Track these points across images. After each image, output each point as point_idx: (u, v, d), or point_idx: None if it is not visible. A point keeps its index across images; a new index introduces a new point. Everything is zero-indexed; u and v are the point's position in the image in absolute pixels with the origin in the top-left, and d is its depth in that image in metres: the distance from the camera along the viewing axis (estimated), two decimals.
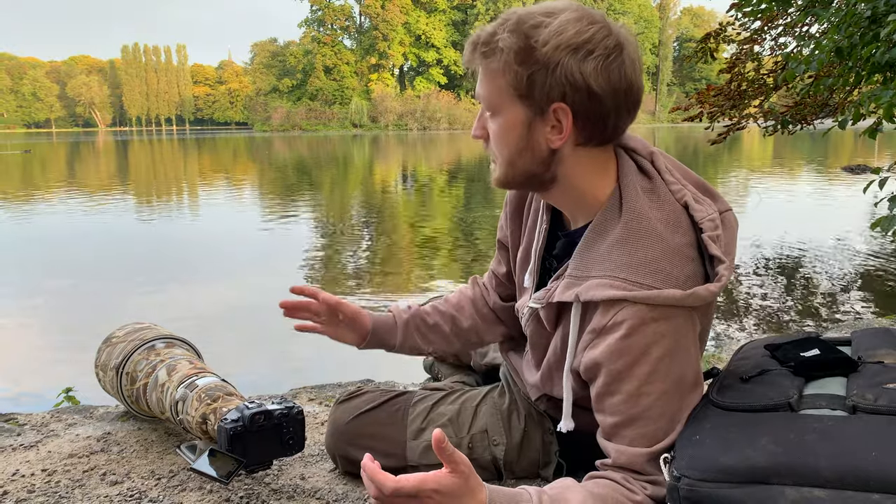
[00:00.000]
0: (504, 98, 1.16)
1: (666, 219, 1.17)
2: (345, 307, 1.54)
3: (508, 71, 1.12)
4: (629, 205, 1.17)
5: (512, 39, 1.11)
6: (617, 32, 1.12)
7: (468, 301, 1.65)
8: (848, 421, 1.03)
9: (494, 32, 1.14)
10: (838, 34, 3.40)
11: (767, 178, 16.91)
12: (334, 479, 1.61)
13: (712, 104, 6.35)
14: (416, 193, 15.54)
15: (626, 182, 1.20)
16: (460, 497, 1.02)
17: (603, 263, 1.15)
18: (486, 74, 1.17)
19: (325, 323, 1.55)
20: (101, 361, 1.88)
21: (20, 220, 10.97)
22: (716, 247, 1.16)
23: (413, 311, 1.62)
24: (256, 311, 5.60)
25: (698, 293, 1.12)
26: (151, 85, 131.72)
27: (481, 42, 1.15)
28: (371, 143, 48.63)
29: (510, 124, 1.17)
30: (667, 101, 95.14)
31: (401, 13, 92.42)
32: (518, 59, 1.11)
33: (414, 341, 1.61)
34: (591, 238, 1.19)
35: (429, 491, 1.00)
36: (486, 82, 1.17)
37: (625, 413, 1.14)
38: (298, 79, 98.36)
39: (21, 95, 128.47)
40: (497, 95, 1.16)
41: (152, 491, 1.55)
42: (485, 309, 1.64)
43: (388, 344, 1.60)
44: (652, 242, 1.14)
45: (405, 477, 1.01)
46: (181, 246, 8.69)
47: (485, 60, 1.15)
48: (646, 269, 1.12)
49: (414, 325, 1.60)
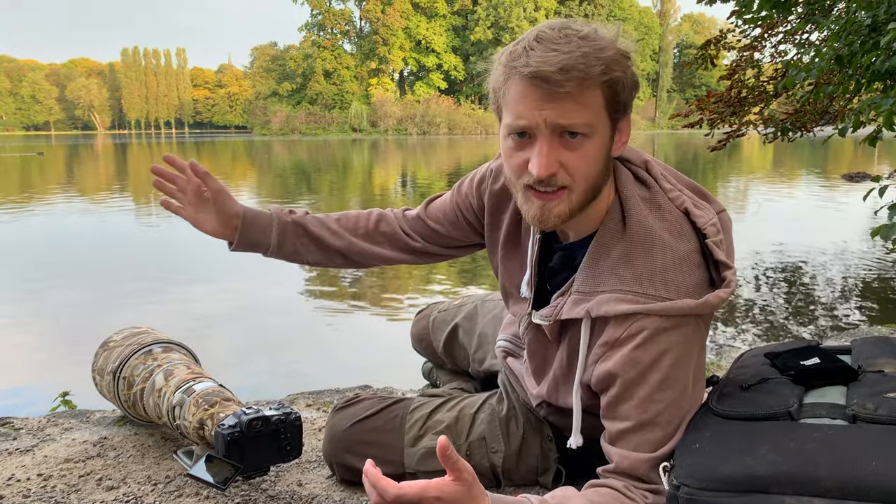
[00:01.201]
0: (601, 118, 1.11)
1: (669, 227, 1.17)
2: (211, 180, 1.44)
3: (611, 92, 1.09)
4: (632, 216, 1.17)
5: (621, 59, 1.08)
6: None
7: (364, 224, 1.59)
8: (848, 430, 1.03)
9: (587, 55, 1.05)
10: (838, 42, 3.41)
11: (767, 186, 16.93)
12: (331, 486, 1.60)
13: (712, 111, 6.36)
14: (415, 197, 15.54)
15: (625, 194, 1.19)
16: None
17: (611, 278, 1.15)
18: (583, 98, 1.08)
19: (190, 203, 1.46)
20: (99, 366, 1.88)
21: (20, 221, 10.96)
22: (721, 252, 1.16)
23: (296, 216, 1.55)
24: (255, 316, 5.59)
25: (710, 301, 1.12)
26: (151, 88, 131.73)
27: (574, 68, 1.05)
28: (370, 147, 48.66)
29: (602, 143, 1.13)
30: (667, 107, 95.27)
31: (401, 18, 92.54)
32: (625, 77, 1.10)
33: (293, 247, 1.53)
34: (596, 252, 1.18)
35: (431, 498, 0.99)
36: (585, 105, 1.08)
37: (635, 419, 1.14)
38: (298, 83, 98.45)
39: (20, 98, 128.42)
40: (596, 117, 1.10)
41: (148, 496, 1.54)
42: (383, 240, 1.58)
43: (261, 244, 1.51)
44: (659, 252, 1.14)
45: (408, 483, 1.00)
46: (179, 250, 8.68)
47: (583, 84, 1.07)
48: (656, 280, 1.12)
49: (294, 231, 1.52)
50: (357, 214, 1.61)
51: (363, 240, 1.57)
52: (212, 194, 1.45)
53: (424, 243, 1.58)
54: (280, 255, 1.53)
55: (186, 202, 1.47)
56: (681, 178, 1.28)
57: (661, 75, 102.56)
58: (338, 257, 1.57)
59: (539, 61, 1.05)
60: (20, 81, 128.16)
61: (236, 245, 1.50)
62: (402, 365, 2.78)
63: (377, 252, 1.58)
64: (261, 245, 1.51)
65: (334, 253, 1.56)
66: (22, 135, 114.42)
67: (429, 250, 1.59)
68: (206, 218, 1.47)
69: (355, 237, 1.57)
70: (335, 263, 1.59)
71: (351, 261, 1.58)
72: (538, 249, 1.33)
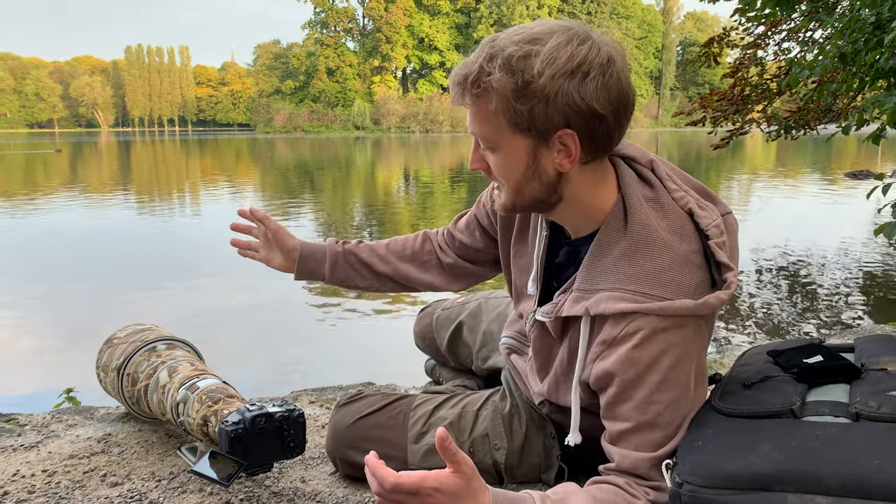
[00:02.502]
0: (503, 134, 1.13)
1: (671, 227, 1.17)
2: (270, 221, 1.58)
3: (507, 110, 1.09)
4: (634, 215, 1.17)
5: (505, 78, 1.07)
6: (604, 45, 1.09)
7: (411, 245, 1.66)
8: (851, 428, 1.03)
9: (482, 70, 1.09)
10: (842, 40, 3.40)
11: (770, 184, 16.89)
12: (335, 483, 1.61)
13: (715, 109, 6.35)
14: (418, 196, 15.54)
15: (628, 192, 1.19)
16: (462, 498, 1.01)
17: (611, 276, 1.15)
18: (480, 113, 1.13)
19: (262, 246, 1.61)
20: (103, 362, 1.88)
21: (22, 219, 10.98)
22: (723, 254, 1.16)
23: (349, 245, 1.64)
24: (258, 312, 5.60)
25: (709, 302, 1.12)
26: (154, 86, 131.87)
27: (470, 82, 1.11)
28: (373, 145, 48.64)
29: (514, 156, 1.15)
30: (670, 105, 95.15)
31: (404, 16, 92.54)
32: (516, 97, 1.08)
33: (345, 274, 1.62)
34: (597, 251, 1.18)
35: (429, 489, 1.00)
36: (482, 121, 1.14)
37: (635, 420, 1.14)
38: (301, 81, 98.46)
39: (24, 95, 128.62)
40: (495, 132, 1.13)
41: (153, 493, 1.54)
42: (429, 259, 1.65)
43: (317, 274, 1.61)
44: (659, 252, 1.14)
45: (406, 473, 1.01)
46: (183, 247, 8.70)
47: (478, 101, 1.12)
48: (655, 279, 1.12)
49: (345, 259, 1.62)
50: (405, 238, 1.69)
51: (409, 262, 1.65)
52: (272, 234, 1.59)
53: (455, 258, 1.63)
54: (335, 282, 1.63)
55: (258, 246, 1.62)
56: (687, 179, 1.28)
57: (664, 73, 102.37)
58: (388, 281, 1.66)
59: (454, 72, 1.15)
60: (24, 79, 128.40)
61: (296, 276, 1.61)
62: (405, 362, 2.78)
63: (420, 278, 1.65)
64: (317, 274, 1.62)
65: (384, 277, 1.65)
66: (26, 132, 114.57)
67: (460, 265, 1.64)
68: (273, 255, 1.61)
69: (402, 261, 1.65)
70: (387, 287, 1.67)
71: (399, 285, 1.66)
72: (545, 246, 1.34)
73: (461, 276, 1.66)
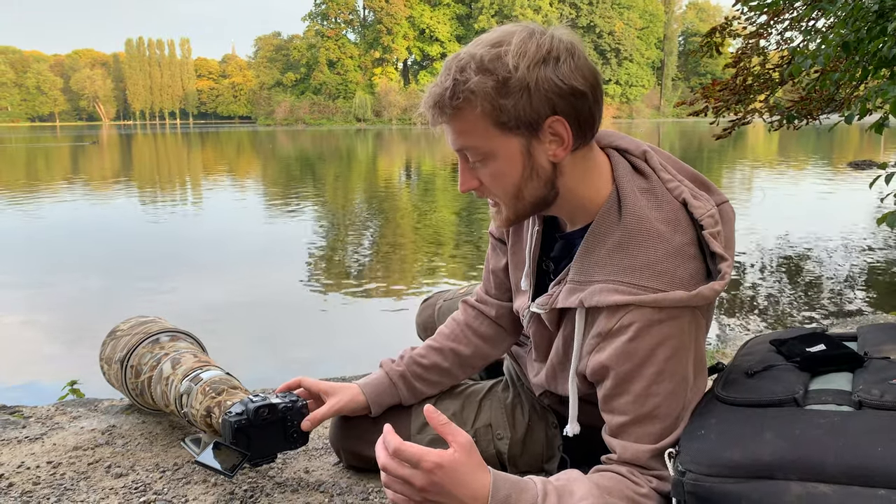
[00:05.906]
0: (493, 139, 1.13)
1: (665, 218, 1.17)
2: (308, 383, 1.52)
3: (493, 110, 1.10)
4: (628, 206, 1.16)
5: (484, 79, 1.08)
6: (563, 33, 1.12)
7: (463, 327, 1.58)
8: (854, 416, 1.03)
9: (457, 81, 1.09)
10: (845, 29, 3.38)
11: (772, 174, 16.86)
12: (338, 473, 1.61)
13: (717, 99, 6.32)
14: (419, 187, 15.53)
15: (622, 184, 1.19)
16: (463, 475, 1.03)
17: (605, 268, 1.15)
18: (463, 125, 1.13)
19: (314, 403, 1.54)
20: (106, 354, 1.89)
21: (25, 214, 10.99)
22: (717, 244, 1.15)
23: (406, 359, 1.56)
24: (261, 305, 5.61)
25: (703, 293, 1.12)
26: (155, 79, 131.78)
27: (448, 97, 1.10)
28: (375, 137, 48.59)
29: (509, 159, 1.14)
30: (672, 95, 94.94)
31: (405, 7, 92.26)
32: (499, 94, 1.08)
33: (419, 391, 1.55)
34: (591, 242, 1.18)
35: (430, 462, 1.02)
36: (468, 132, 1.13)
37: (633, 413, 1.14)
38: (302, 73, 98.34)
39: (25, 89, 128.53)
40: (485, 140, 1.13)
41: (157, 483, 1.55)
42: (484, 327, 1.57)
43: (395, 402, 1.54)
44: (653, 243, 1.14)
45: (411, 443, 1.04)
46: (186, 240, 8.70)
47: (459, 112, 1.12)
48: (649, 271, 1.12)
49: (411, 374, 1.54)
50: (452, 320, 1.61)
51: (461, 343, 1.57)
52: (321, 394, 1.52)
53: (495, 302, 1.55)
54: (416, 400, 1.55)
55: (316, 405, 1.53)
56: (682, 168, 1.27)
57: (666, 63, 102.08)
58: (460, 371, 1.58)
59: (424, 98, 1.15)
60: (25, 72, 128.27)
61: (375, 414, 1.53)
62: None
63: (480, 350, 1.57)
64: (395, 403, 1.54)
65: (455, 368, 1.57)
66: (27, 126, 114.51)
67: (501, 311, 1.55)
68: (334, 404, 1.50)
69: (457, 343, 1.57)
70: (466, 374, 1.60)
71: (470, 366, 1.59)
72: (538, 241, 1.34)
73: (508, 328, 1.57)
